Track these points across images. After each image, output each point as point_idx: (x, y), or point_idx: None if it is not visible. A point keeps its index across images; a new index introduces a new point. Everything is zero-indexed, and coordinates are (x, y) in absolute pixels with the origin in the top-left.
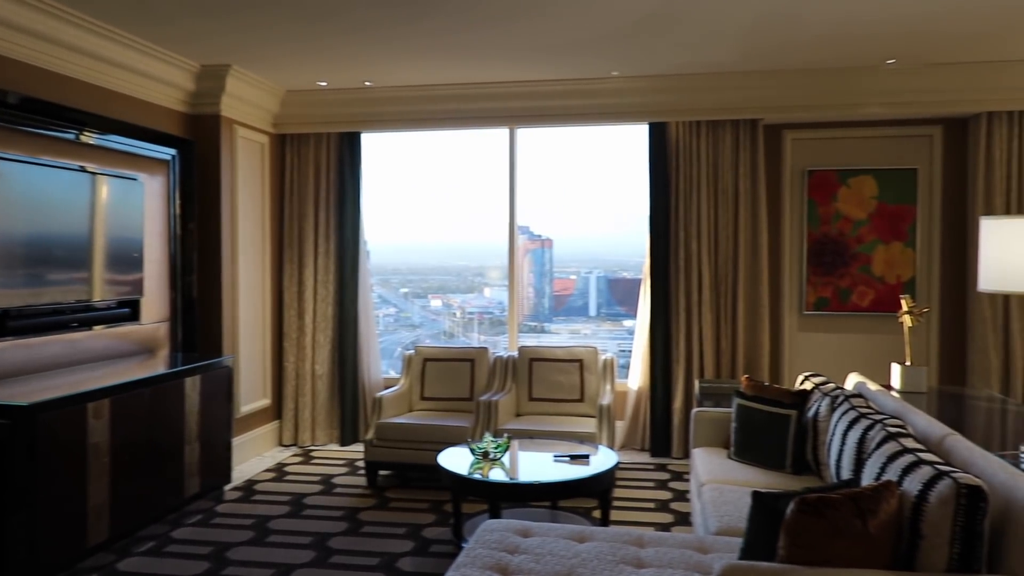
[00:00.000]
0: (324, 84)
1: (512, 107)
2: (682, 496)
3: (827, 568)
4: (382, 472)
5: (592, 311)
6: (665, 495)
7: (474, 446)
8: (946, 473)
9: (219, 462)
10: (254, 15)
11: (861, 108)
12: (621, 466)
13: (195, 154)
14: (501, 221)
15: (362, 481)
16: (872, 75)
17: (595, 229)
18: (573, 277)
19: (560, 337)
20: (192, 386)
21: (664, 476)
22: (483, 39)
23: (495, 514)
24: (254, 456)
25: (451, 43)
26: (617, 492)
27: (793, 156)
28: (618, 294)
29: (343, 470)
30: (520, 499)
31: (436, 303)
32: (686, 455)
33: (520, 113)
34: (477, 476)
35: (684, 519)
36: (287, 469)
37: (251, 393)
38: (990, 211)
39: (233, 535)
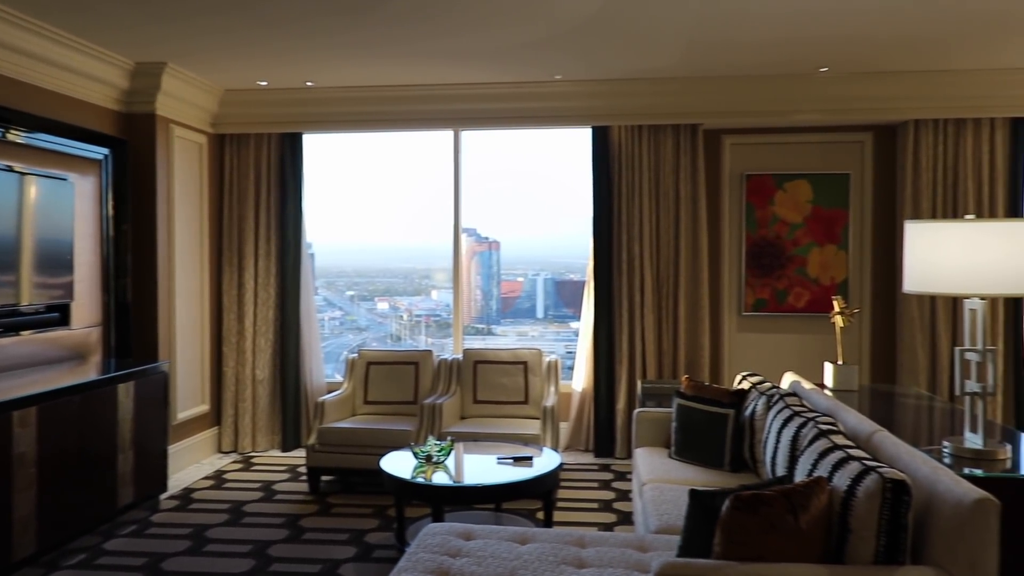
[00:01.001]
0: (265, 84)
1: (456, 109)
2: (625, 496)
3: (760, 563)
4: (325, 478)
5: (539, 313)
6: (608, 495)
7: (417, 450)
8: (873, 468)
9: (154, 470)
10: (191, 13)
11: (796, 114)
12: (565, 467)
13: (129, 154)
14: (447, 223)
15: (304, 487)
16: (806, 83)
17: (542, 231)
18: (520, 279)
19: (507, 339)
20: (125, 392)
21: (608, 476)
22: (427, 42)
23: (438, 518)
24: (192, 463)
25: (395, 46)
26: (561, 493)
27: (732, 161)
28: (565, 296)
29: (284, 476)
30: (463, 502)
31: (383, 306)
32: (629, 455)
33: (464, 115)
34: (420, 480)
35: (627, 518)
36: (226, 476)
37: (189, 399)
38: (917, 215)
39: (169, 545)
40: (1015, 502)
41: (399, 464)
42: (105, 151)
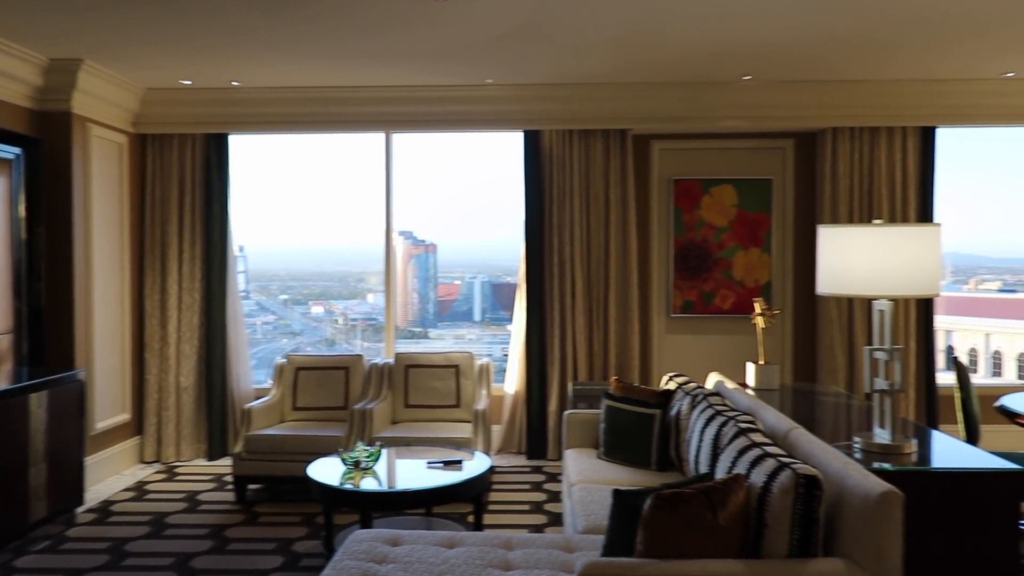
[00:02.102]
0: (188, 83)
1: (387, 112)
2: (556, 497)
3: (680, 560)
4: (252, 486)
5: (477, 316)
6: (540, 497)
7: (345, 456)
8: (787, 465)
9: (70, 483)
10: (107, 6)
11: (720, 121)
12: (497, 469)
13: (43, 153)
14: (382, 226)
15: (230, 496)
16: (731, 90)
17: (480, 234)
18: (458, 282)
19: (445, 343)
20: (38, 403)
21: (539, 478)
22: (351, 41)
23: (366, 524)
24: (112, 475)
25: (319, 44)
26: (493, 496)
27: (660, 165)
28: (502, 299)
29: (210, 486)
30: (392, 508)
31: (318, 310)
32: (561, 457)
33: (395, 118)
34: (348, 486)
35: (558, 519)
36: (148, 487)
37: (108, 408)
38: (835, 220)
39: (85, 560)
40: (921, 494)
41: (327, 471)
42: (17, 151)
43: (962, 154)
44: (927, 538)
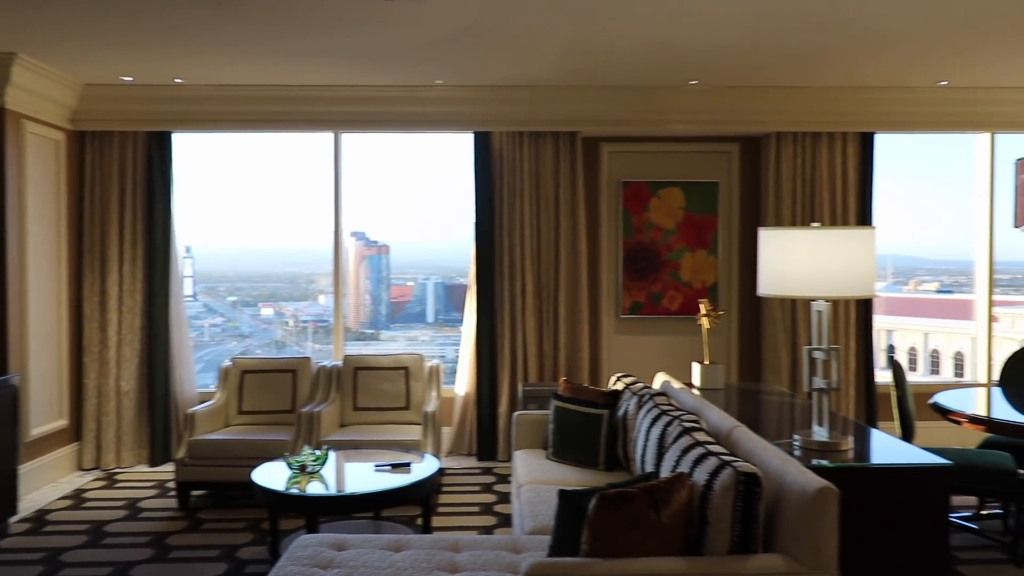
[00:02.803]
0: (129, 79)
1: (336, 111)
2: (506, 498)
3: (624, 559)
4: (195, 492)
5: (430, 317)
6: (490, 498)
7: (291, 460)
8: (728, 463)
9: (2, 492)
10: (44, 1)
11: (668, 124)
12: (448, 472)
13: None
14: (332, 227)
15: (173, 503)
16: (678, 94)
17: (433, 235)
18: (411, 284)
19: (398, 344)
20: None
21: (490, 479)
22: (296, 40)
23: (312, 529)
24: (48, 483)
25: (265, 43)
26: (443, 498)
27: (609, 168)
28: (456, 300)
29: (151, 493)
30: (339, 512)
31: (267, 311)
32: (511, 458)
33: (344, 118)
34: (294, 491)
35: (507, 521)
36: (87, 495)
37: (44, 414)
38: (779, 222)
39: (18, 572)
40: (857, 489)
41: (272, 476)
42: None
43: (904, 159)
44: (862, 532)
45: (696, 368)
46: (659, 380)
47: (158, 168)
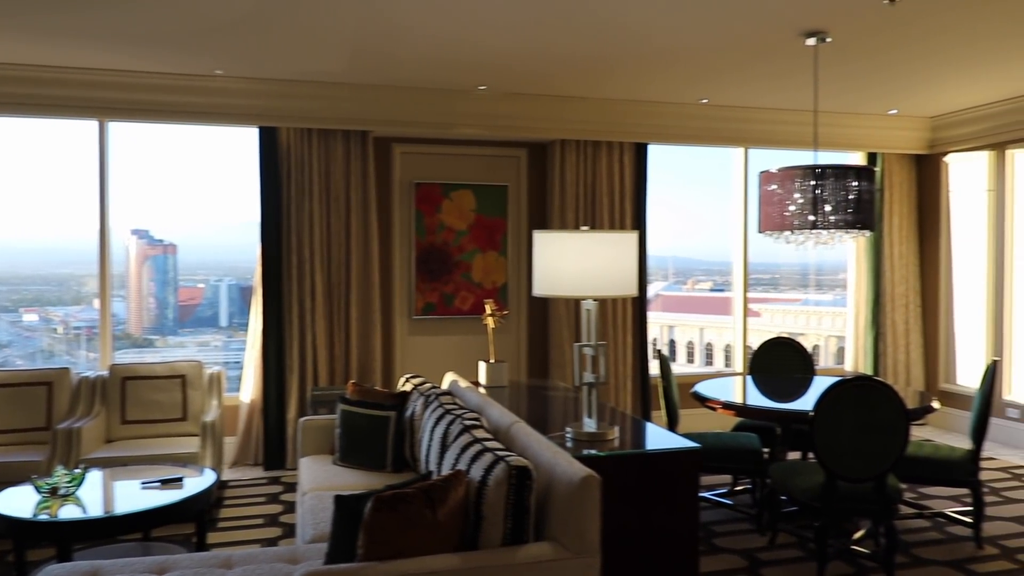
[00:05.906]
0: None
1: (101, 97)
2: (293, 508)
3: (399, 560)
4: None
5: (223, 321)
6: (276, 509)
7: (40, 483)
8: (502, 458)
9: None
10: None
11: (459, 128)
12: (231, 483)
13: None
14: (112, 224)
15: None
16: (467, 99)
17: (224, 235)
18: (202, 285)
19: (187, 350)
20: None
21: (277, 489)
22: (52, 18)
23: (65, 557)
24: None
25: (15, 20)
26: (224, 512)
27: (402, 169)
28: (251, 303)
29: None
30: (96, 536)
31: (31, 317)
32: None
33: (111, 105)
34: (43, 517)
35: (293, 531)
36: None
37: None
38: (564, 225)
39: None
40: (620, 475)
41: (17, 502)
42: None
43: (675, 169)
44: (626, 515)
45: (482, 367)
46: (448, 380)
47: None
